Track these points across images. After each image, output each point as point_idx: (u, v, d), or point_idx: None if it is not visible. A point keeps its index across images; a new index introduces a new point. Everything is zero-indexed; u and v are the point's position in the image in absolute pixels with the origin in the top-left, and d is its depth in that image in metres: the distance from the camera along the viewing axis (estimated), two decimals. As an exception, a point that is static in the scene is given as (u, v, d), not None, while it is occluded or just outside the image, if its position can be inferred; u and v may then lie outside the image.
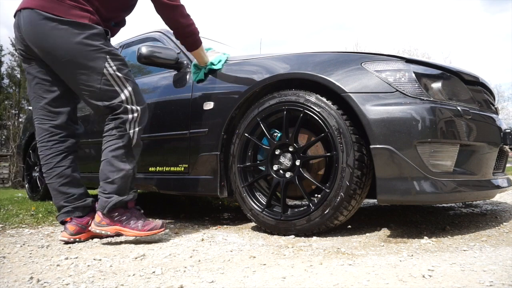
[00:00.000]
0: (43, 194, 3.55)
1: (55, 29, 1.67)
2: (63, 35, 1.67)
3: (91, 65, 1.69)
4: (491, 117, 1.88)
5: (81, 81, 1.71)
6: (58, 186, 1.81)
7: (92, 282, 1.18)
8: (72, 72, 1.71)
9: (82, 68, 1.69)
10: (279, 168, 1.84)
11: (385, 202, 1.60)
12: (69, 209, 1.82)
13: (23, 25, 1.72)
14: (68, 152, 1.86)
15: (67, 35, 1.67)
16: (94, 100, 1.73)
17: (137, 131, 1.76)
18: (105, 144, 1.73)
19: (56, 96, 1.84)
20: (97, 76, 1.70)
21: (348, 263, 1.27)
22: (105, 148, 1.73)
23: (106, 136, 1.73)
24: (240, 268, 1.27)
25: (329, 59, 1.77)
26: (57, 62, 1.72)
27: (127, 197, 1.75)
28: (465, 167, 1.68)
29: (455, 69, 1.81)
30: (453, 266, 1.20)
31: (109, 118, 1.74)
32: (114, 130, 1.72)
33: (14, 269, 1.35)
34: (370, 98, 1.60)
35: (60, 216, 1.84)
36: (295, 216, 1.75)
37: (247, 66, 2.04)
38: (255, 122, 1.91)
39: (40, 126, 1.85)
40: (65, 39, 1.67)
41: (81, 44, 1.68)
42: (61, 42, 1.67)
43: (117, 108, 1.72)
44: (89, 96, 1.73)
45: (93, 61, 1.69)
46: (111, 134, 1.72)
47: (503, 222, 1.94)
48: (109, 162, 1.71)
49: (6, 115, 24.83)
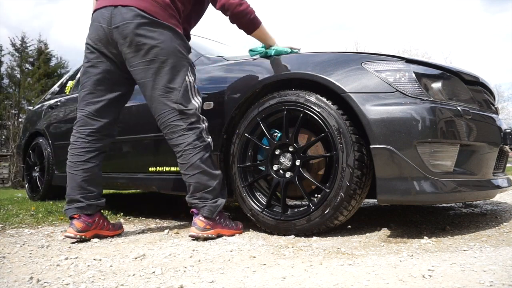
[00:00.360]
0: (43, 194, 3.55)
1: (158, 30, 1.74)
2: (165, 37, 1.75)
3: (179, 69, 1.77)
4: (491, 117, 1.88)
5: (164, 81, 1.76)
6: (81, 180, 1.84)
7: (92, 282, 1.18)
8: (159, 70, 1.75)
9: (171, 69, 1.75)
10: (279, 168, 1.84)
11: (385, 202, 1.60)
12: (83, 205, 1.83)
13: (121, 21, 1.73)
14: (101, 150, 1.92)
15: (168, 38, 1.76)
16: (171, 102, 1.76)
17: (211, 138, 1.86)
18: (193, 156, 1.76)
19: (113, 97, 1.89)
20: (180, 80, 1.77)
21: (348, 263, 1.27)
22: (195, 161, 1.76)
23: (191, 148, 1.76)
24: (240, 268, 1.27)
25: (329, 59, 1.77)
26: (148, 58, 1.74)
27: (225, 196, 1.86)
28: (465, 167, 1.68)
29: (455, 69, 1.81)
30: (453, 266, 1.20)
31: (184, 128, 1.76)
32: (197, 141, 1.77)
33: (14, 269, 1.35)
34: (370, 98, 1.60)
35: (70, 210, 1.83)
36: (295, 216, 1.75)
37: (247, 66, 2.04)
38: (255, 122, 1.91)
39: (85, 118, 1.88)
40: (166, 40, 1.75)
41: (178, 49, 1.78)
42: (161, 42, 1.74)
43: (191, 116, 1.77)
44: (166, 97, 1.76)
45: (181, 67, 1.78)
46: (196, 146, 1.76)
47: (503, 222, 1.94)
48: (204, 172, 1.77)
49: (6, 115, 24.82)
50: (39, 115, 3.81)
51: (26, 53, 26.37)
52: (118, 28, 1.74)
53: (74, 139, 1.89)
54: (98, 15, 1.80)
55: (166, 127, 1.79)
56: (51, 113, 3.59)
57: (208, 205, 1.77)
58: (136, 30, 1.72)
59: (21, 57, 26.13)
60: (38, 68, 25.57)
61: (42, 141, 3.60)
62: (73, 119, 3.15)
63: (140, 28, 1.72)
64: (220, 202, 1.79)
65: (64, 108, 3.42)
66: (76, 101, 3.26)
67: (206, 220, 1.76)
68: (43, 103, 3.96)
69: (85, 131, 1.88)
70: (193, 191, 1.79)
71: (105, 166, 2.67)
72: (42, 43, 26.76)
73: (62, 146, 3.29)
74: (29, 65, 26.32)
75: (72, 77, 3.87)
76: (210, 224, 1.76)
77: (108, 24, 1.76)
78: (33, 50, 26.56)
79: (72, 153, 1.88)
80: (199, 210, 1.78)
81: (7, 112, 24.60)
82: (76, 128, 1.90)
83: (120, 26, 1.74)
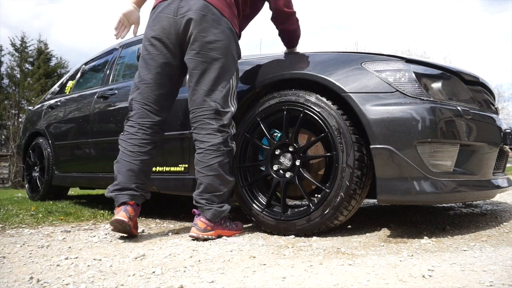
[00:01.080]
0: (43, 194, 3.55)
1: (221, 27, 1.76)
2: (225, 36, 1.77)
3: (227, 71, 1.79)
4: (491, 117, 1.88)
5: (211, 78, 1.76)
6: (139, 170, 1.84)
7: (92, 282, 1.18)
8: (210, 66, 1.76)
9: (221, 68, 1.76)
10: (279, 168, 1.84)
11: (385, 202, 1.60)
12: (137, 194, 1.83)
13: (187, 10, 1.75)
14: (157, 144, 1.94)
15: (228, 38, 1.78)
16: (210, 99, 1.77)
17: (235, 144, 1.86)
18: (214, 158, 1.75)
19: (170, 90, 1.91)
20: (225, 82, 1.79)
21: (348, 263, 1.27)
22: (214, 163, 1.75)
23: (214, 150, 1.75)
24: (240, 268, 1.27)
25: (329, 59, 1.77)
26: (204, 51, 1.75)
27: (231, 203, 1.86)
28: (465, 167, 1.68)
29: (455, 69, 1.81)
30: (453, 266, 1.20)
31: (215, 129, 1.76)
32: (222, 146, 1.76)
33: (14, 269, 1.35)
34: (370, 98, 1.60)
35: (122, 196, 1.81)
36: (295, 216, 1.75)
37: (247, 66, 2.04)
38: (255, 122, 1.91)
39: (147, 111, 1.87)
40: (225, 39, 1.77)
41: (232, 50, 1.81)
42: (220, 40, 1.76)
43: (225, 119, 1.78)
44: (207, 94, 1.77)
45: (229, 69, 1.80)
46: (220, 149, 1.76)
47: (503, 222, 1.94)
48: (219, 176, 1.76)
49: (6, 115, 24.83)
50: (39, 115, 3.81)
51: (26, 53, 26.39)
52: (184, 16, 1.75)
53: (134, 130, 1.87)
54: (164, 6, 1.80)
55: (198, 121, 1.79)
56: (51, 113, 3.59)
57: (213, 209, 1.76)
58: (202, 21, 1.73)
59: (21, 57, 26.13)
60: (38, 68, 25.58)
61: (42, 141, 3.60)
62: (73, 119, 3.21)
63: (205, 21, 1.74)
64: (225, 208, 1.79)
65: (64, 108, 3.42)
66: (76, 101, 3.30)
67: (207, 222, 1.75)
68: (43, 103, 3.96)
69: (147, 123, 1.87)
70: (203, 190, 1.77)
71: (105, 166, 2.68)
72: (42, 43, 26.79)
73: (62, 146, 3.29)
74: (29, 65, 26.33)
75: (72, 77, 3.87)
76: (211, 225, 1.76)
77: (175, 15, 1.77)
78: (33, 50, 26.59)
79: (131, 143, 1.86)
80: (203, 212, 1.77)
81: (7, 112, 24.62)
82: (136, 120, 1.88)
83: (186, 14, 1.75)
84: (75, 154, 3.16)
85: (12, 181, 19.16)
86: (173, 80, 1.90)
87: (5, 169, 19.99)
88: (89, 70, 3.72)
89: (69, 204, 3.23)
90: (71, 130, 3.24)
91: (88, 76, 3.72)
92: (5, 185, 19.02)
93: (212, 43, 1.75)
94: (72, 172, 3.20)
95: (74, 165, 3.21)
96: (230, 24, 1.80)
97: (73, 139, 3.15)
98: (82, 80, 3.70)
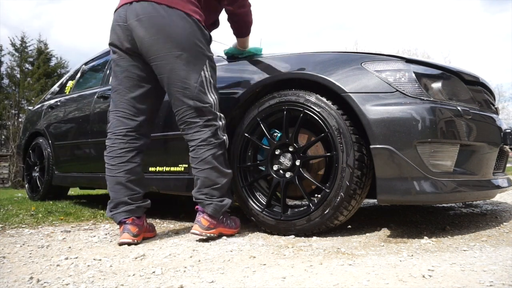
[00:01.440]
0: (43, 194, 3.55)
1: (174, 21, 1.68)
2: (182, 28, 1.68)
3: (195, 63, 1.71)
4: (491, 117, 1.88)
5: (179, 77, 1.71)
6: (126, 181, 1.79)
7: (92, 282, 1.18)
8: (174, 66, 1.70)
9: (186, 63, 1.70)
10: (279, 168, 1.84)
11: (385, 202, 1.60)
12: (133, 207, 1.78)
13: (135, 16, 1.70)
14: (140, 150, 1.86)
15: (185, 29, 1.69)
16: (187, 98, 1.72)
17: (226, 136, 1.82)
18: (206, 152, 1.72)
19: (143, 92, 1.83)
20: (195, 75, 1.72)
21: (348, 263, 1.27)
22: (207, 156, 1.72)
23: (204, 144, 1.73)
24: (240, 268, 1.27)
25: (329, 59, 1.77)
26: (162, 53, 1.69)
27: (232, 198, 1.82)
28: (465, 167, 1.68)
29: (455, 69, 1.81)
30: (453, 266, 1.20)
31: (201, 125, 1.73)
32: (212, 139, 1.73)
33: (14, 269, 1.35)
34: (370, 98, 1.60)
35: (120, 214, 1.77)
36: (295, 216, 1.75)
37: (247, 66, 2.04)
38: (255, 122, 1.91)
39: (120, 118, 1.82)
40: (183, 31, 1.68)
41: (194, 40, 1.71)
42: (178, 34, 1.68)
43: (207, 113, 1.74)
44: (182, 93, 1.72)
45: (197, 60, 1.72)
46: (210, 143, 1.73)
47: (503, 222, 1.94)
48: (215, 168, 1.73)
49: (6, 115, 24.84)
50: (39, 115, 3.81)
51: (26, 53, 26.40)
52: (131, 24, 1.71)
53: (110, 142, 1.83)
54: (116, 14, 1.78)
55: (183, 123, 1.77)
56: (51, 113, 3.59)
57: (214, 203, 1.73)
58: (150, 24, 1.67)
59: (21, 57, 26.15)
60: (38, 68, 25.59)
61: (42, 141, 3.60)
62: (73, 119, 3.21)
63: (154, 23, 1.67)
64: (226, 202, 1.76)
65: (64, 108, 3.42)
66: (75, 101, 3.30)
67: (210, 219, 1.72)
68: (43, 103, 3.96)
69: (121, 131, 1.82)
70: (201, 186, 1.74)
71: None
72: (42, 43, 26.82)
73: (62, 146, 3.29)
74: (29, 65, 26.35)
75: (72, 77, 3.87)
76: (214, 223, 1.73)
77: (124, 21, 1.73)
78: (33, 50, 26.61)
79: (111, 156, 1.82)
80: (204, 208, 1.73)
81: (7, 112, 24.62)
82: (112, 130, 1.84)
83: (132, 21, 1.70)
84: (75, 154, 3.16)
85: (12, 181, 19.16)
86: (145, 81, 1.82)
87: (5, 169, 19.99)
88: (89, 70, 3.72)
89: (69, 204, 3.24)
90: (71, 130, 3.24)
91: (88, 76, 3.72)
92: (5, 185, 19.03)
93: (167, 42, 1.67)
94: (72, 172, 3.20)
95: (74, 165, 3.21)
96: (184, 13, 1.69)
97: (73, 139, 3.15)
98: (82, 80, 3.70)
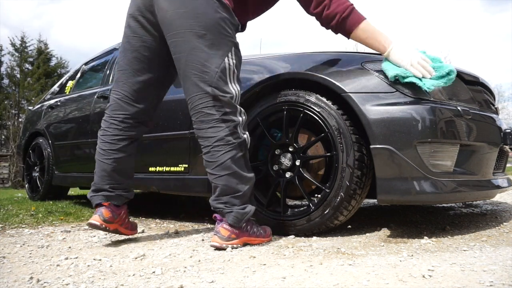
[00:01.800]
0: (43, 194, 3.55)
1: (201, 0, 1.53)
2: (210, 7, 1.53)
3: (219, 47, 1.54)
4: (491, 117, 1.88)
5: (199, 58, 1.52)
6: (112, 169, 1.69)
7: (92, 282, 1.18)
8: (195, 44, 1.52)
9: (209, 46, 1.52)
10: (279, 168, 1.84)
11: (385, 202, 1.60)
12: (112, 195, 1.69)
13: None
14: (135, 139, 1.75)
15: (210, 8, 1.53)
16: (204, 84, 1.52)
17: (247, 134, 1.64)
18: (224, 154, 1.52)
19: (150, 78, 1.70)
20: (218, 60, 1.53)
21: (348, 263, 1.27)
22: (225, 160, 1.52)
23: (222, 145, 1.52)
24: (240, 268, 1.27)
25: (329, 59, 1.77)
26: (184, 29, 1.53)
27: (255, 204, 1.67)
28: (465, 167, 1.68)
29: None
30: (453, 266, 1.20)
31: (217, 119, 1.53)
32: (230, 137, 1.53)
33: (14, 269, 1.35)
34: (370, 98, 1.60)
35: (97, 197, 1.68)
36: (295, 216, 1.75)
37: (247, 66, 2.04)
38: (255, 122, 1.91)
39: (119, 102, 1.70)
40: (208, 11, 1.53)
41: (220, 23, 1.54)
42: (205, 12, 1.52)
43: (226, 105, 1.54)
44: (199, 77, 1.53)
45: (222, 44, 1.55)
46: (229, 143, 1.53)
47: (503, 222, 1.94)
48: (235, 174, 1.53)
49: (6, 115, 24.85)
50: (39, 115, 3.81)
51: (26, 53, 26.43)
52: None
53: (106, 124, 1.71)
54: None
55: (196, 113, 1.56)
56: (51, 113, 3.59)
57: (234, 211, 1.54)
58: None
59: (21, 57, 26.17)
60: (38, 68, 25.61)
61: (42, 141, 3.60)
62: (73, 119, 3.21)
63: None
64: (249, 210, 1.56)
65: (64, 108, 3.42)
66: (75, 101, 3.30)
67: (231, 229, 1.54)
68: (43, 103, 3.96)
69: (119, 117, 1.69)
70: (219, 194, 1.56)
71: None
72: (42, 43, 26.85)
73: (62, 146, 3.30)
74: (29, 65, 26.38)
75: (72, 77, 3.87)
76: (236, 232, 1.54)
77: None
78: (33, 50, 26.64)
79: (103, 140, 1.70)
80: (224, 217, 1.56)
81: (7, 112, 24.63)
82: (109, 113, 1.71)
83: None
84: (75, 154, 3.16)
85: (12, 181, 19.17)
86: (154, 67, 1.69)
87: (5, 169, 20.00)
88: (89, 70, 3.72)
89: (69, 204, 3.24)
90: (71, 130, 3.24)
91: (88, 76, 3.72)
92: (5, 185, 19.03)
93: (191, 18, 1.51)
94: (72, 172, 3.20)
95: (74, 165, 3.21)
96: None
97: (73, 139, 3.16)
98: (82, 80, 3.70)
